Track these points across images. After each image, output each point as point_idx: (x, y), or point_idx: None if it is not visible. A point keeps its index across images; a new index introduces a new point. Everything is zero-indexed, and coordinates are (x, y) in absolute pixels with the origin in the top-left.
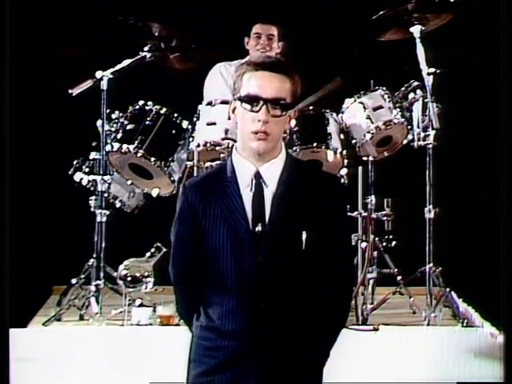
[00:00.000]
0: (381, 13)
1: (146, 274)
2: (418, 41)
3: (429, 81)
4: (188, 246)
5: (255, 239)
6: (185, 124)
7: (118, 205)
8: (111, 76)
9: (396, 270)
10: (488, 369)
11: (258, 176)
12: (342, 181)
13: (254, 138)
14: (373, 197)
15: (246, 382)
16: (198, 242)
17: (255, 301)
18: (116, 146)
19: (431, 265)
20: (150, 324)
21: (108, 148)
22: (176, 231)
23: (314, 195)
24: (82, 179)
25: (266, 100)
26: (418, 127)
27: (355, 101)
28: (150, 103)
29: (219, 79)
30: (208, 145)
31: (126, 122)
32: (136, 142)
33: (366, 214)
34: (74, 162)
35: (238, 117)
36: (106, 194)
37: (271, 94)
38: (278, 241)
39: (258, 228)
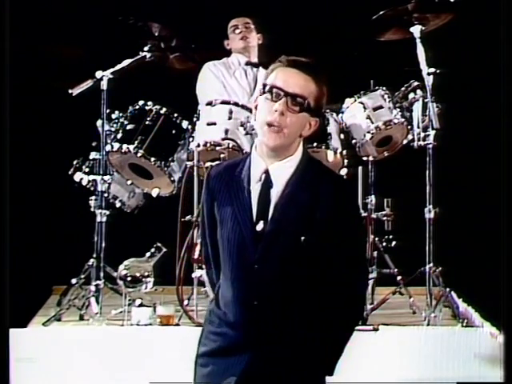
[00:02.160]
0: (381, 13)
1: (146, 273)
2: (418, 41)
3: (429, 81)
4: (207, 231)
5: (256, 237)
6: (185, 124)
7: (118, 205)
8: (111, 76)
9: (396, 269)
10: (488, 369)
11: (266, 174)
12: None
13: (267, 131)
14: (373, 197)
15: (237, 370)
16: (214, 230)
17: (250, 297)
18: (116, 145)
19: (431, 265)
20: (150, 324)
21: (108, 148)
22: (202, 217)
23: (323, 199)
24: (81, 179)
25: (287, 93)
26: (418, 127)
27: (355, 101)
28: (150, 103)
29: (211, 78)
30: (208, 145)
31: (126, 122)
32: (136, 142)
33: (365, 214)
34: (74, 162)
35: (257, 110)
36: (106, 194)
37: (294, 90)
38: (276, 241)
39: (260, 226)
